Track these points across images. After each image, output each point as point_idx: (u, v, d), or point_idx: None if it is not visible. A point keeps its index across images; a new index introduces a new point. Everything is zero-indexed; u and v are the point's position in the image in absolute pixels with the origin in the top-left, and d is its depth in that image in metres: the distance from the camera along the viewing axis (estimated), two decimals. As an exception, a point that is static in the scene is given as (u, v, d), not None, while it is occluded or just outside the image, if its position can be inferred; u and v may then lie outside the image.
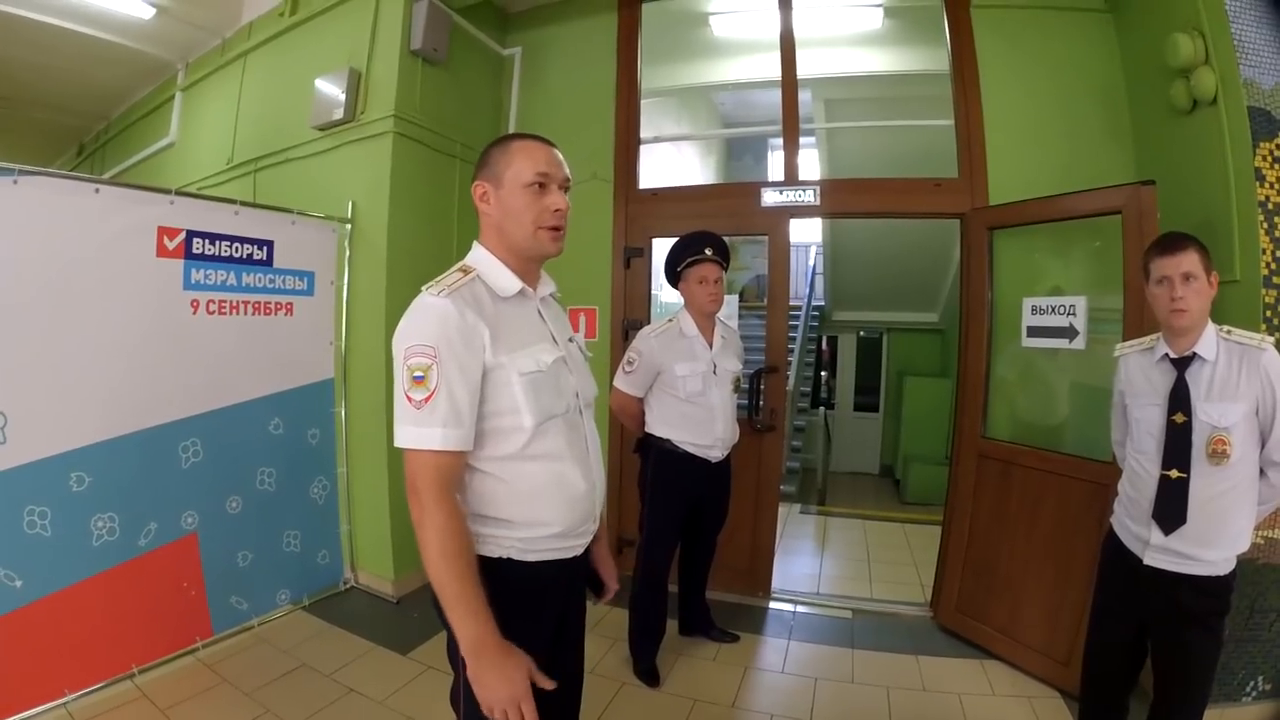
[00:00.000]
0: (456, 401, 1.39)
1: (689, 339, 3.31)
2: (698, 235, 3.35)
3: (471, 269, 1.53)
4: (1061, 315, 3.46)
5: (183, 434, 3.32)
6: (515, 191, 1.54)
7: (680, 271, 3.32)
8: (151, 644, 3.19)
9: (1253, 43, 2.90)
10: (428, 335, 1.39)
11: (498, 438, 1.48)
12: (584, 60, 4.82)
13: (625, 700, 3.17)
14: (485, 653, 1.35)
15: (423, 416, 1.37)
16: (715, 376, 3.32)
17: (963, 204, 4.04)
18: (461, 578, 1.36)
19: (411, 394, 1.38)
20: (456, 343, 1.39)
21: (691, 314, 3.34)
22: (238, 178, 4.89)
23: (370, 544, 4.17)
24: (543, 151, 1.58)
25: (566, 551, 1.60)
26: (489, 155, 1.60)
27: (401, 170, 4.07)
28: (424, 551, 1.37)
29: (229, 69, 5.20)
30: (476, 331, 1.42)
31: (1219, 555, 2.09)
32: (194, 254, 3.35)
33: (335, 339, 4.10)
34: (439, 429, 1.37)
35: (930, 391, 8.40)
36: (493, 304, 1.50)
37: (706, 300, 3.29)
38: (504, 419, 1.47)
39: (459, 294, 1.44)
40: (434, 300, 1.42)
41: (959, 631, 3.86)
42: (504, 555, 1.50)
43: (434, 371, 1.37)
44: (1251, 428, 2.05)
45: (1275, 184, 2.83)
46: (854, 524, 6.52)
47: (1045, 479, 3.48)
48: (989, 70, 4.07)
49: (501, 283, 1.54)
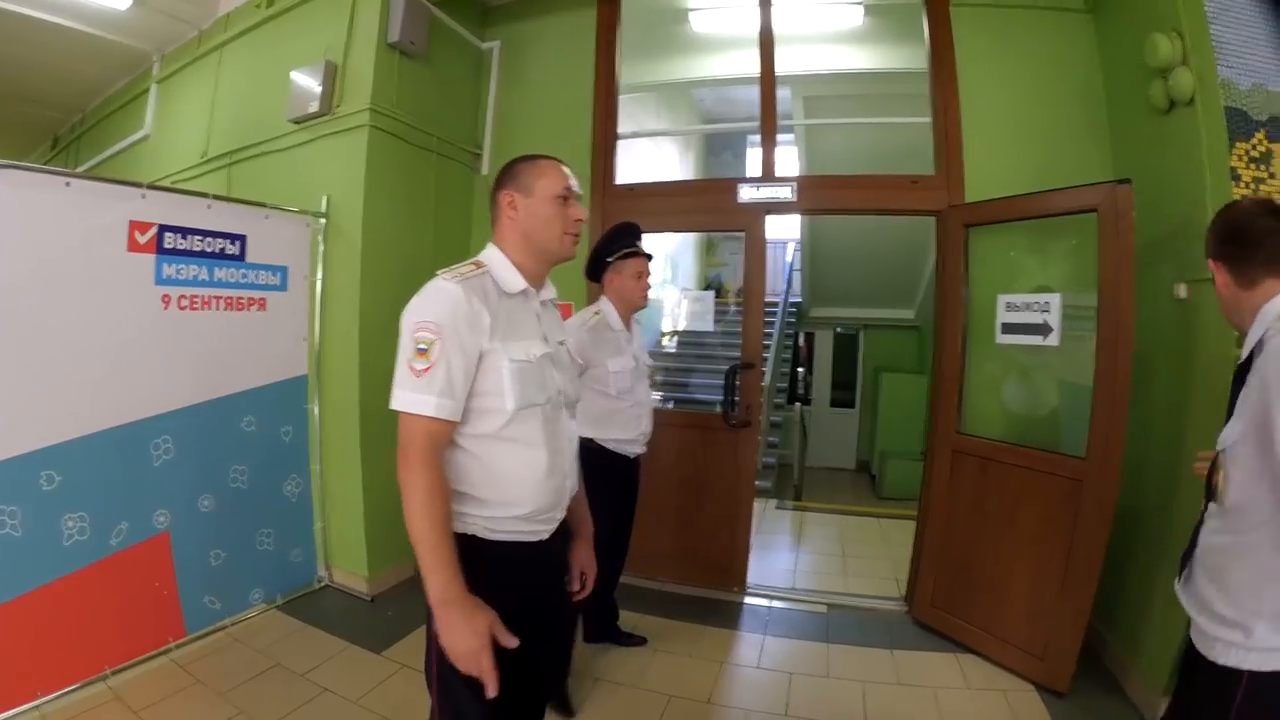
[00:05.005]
0: (453, 376, 1.54)
1: (616, 333, 3.23)
2: (629, 226, 3.31)
3: (484, 264, 1.69)
4: (1036, 312, 3.49)
5: (154, 431, 3.28)
6: (545, 201, 1.72)
7: (611, 262, 3.24)
8: (124, 645, 3.16)
9: (1231, 43, 2.92)
10: (437, 314, 1.55)
11: (480, 416, 1.61)
12: (563, 54, 4.81)
13: (602, 696, 3.17)
14: (452, 603, 1.47)
15: (421, 384, 1.52)
16: (638, 370, 3.28)
17: (939, 201, 4.06)
18: (439, 531, 1.49)
19: (414, 364, 1.53)
20: (461, 324, 1.55)
21: (617, 307, 3.25)
22: (212, 171, 4.82)
23: (344, 542, 4.14)
24: (566, 170, 1.78)
25: (530, 535, 1.70)
26: (517, 169, 1.76)
27: (377, 164, 4.04)
28: (407, 507, 1.50)
29: (205, 61, 5.14)
30: (480, 318, 1.58)
31: (1218, 631, 1.55)
32: (166, 249, 3.30)
33: (309, 335, 4.06)
34: (434, 397, 1.52)
35: (907, 387, 8.48)
36: (497, 298, 1.65)
37: (640, 295, 3.25)
38: (489, 399, 1.60)
39: (470, 283, 1.60)
40: (447, 284, 1.58)
41: (934, 626, 3.89)
42: (469, 532, 1.61)
43: (437, 346, 1.52)
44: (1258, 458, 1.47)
45: (1251, 183, 2.85)
46: (830, 519, 6.57)
47: (1022, 474, 3.51)
48: (968, 68, 4.09)
49: (508, 280, 1.70)
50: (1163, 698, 2.94)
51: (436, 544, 1.48)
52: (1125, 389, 3.11)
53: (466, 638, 1.46)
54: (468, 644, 1.46)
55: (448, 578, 1.48)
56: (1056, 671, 3.26)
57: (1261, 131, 2.88)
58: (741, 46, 5.03)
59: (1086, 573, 3.18)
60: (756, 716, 3.07)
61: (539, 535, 1.72)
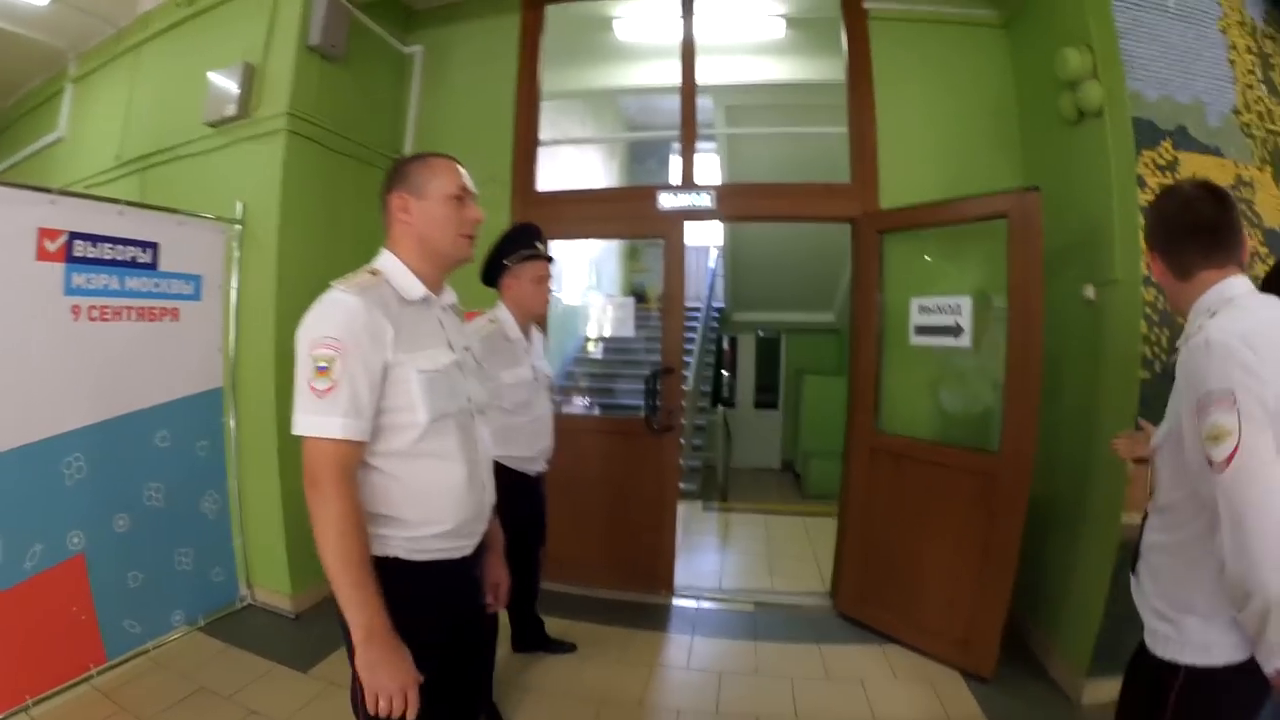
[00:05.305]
0: (358, 394, 1.45)
1: (513, 342, 3.00)
2: (528, 227, 3.11)
3: (380, 272, 1.62)
4: (948, 315, 3.63)
5: (65, 449, 3.12)
6: (439, 202, 1.65)
7: (509, 266, 3.00)
8: (43, 673, 2.99)
9: (1140, 56, 3.08)
10: (335, 329, 1.45)
11: (392, 433, 1.54)
12: (486, 60, 4.77)
13: (533, 705, 3.16)
14: (376, 640, 1.41)
15: (324, 405, 1.43)
16: (537, 383, 3.10)
17: (854, 208, 4.18)
18: (357, 563, 1.42)
19: (315, 384, 1.43)
20: (362, 338, 1.46)
21: (515, 314, 3.03)
22: (126, 176, 4.62)
23: (265, 559, 4.02)
24: (461, 169, 1.71)
25: (454, 551, 1.65)
26: (408, 169, 1.68)
27: (295, 170, 3.92)
28: (321, 539, 1.42)
29: (122, 60, 4.92)
30: (382, 329, 1.50)
31: (1157, 625, 1.58)
32: (76, 257, 3.14)
33: (224, 346, 3.92)
34: (339, 418, 1.43)
35: (828, 389, 8.61)
36: (398, 306, 1.58)
37: (540, 301, 3.07)
38: (400, 415, 1.53)
39: (368, 293, 1.52)
40: (344, 296, 1.49)
41: (859, 619, 4.00)
42: (391, 554, 1.55)
43: (338, 364, 1.43)
44: (1181, 459, 1.48)
45: (1157, 189, 3.00)
46: (756, 519, 6.67)
47: (938, 470, 3.65)
48: (884, 79, 4.23)
49: (408, 287, 1.62)
50: (1085, 678, 3.11)
51: (357, 578, 1.41)
52: (1036, 386, 3.26)
53: (398, 674, 1.42)
54: (399, 680, 1.42)
55: (371, 612, 1.41)
56: (980, 658, 3.38)
57: (1168, 140, 3.06)
58: (665, 56, 5.07)
59: (1004, 562, 3.32)
60: (688, 716, 3.11)
61: (463, 551, 1.68)
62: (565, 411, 6.67)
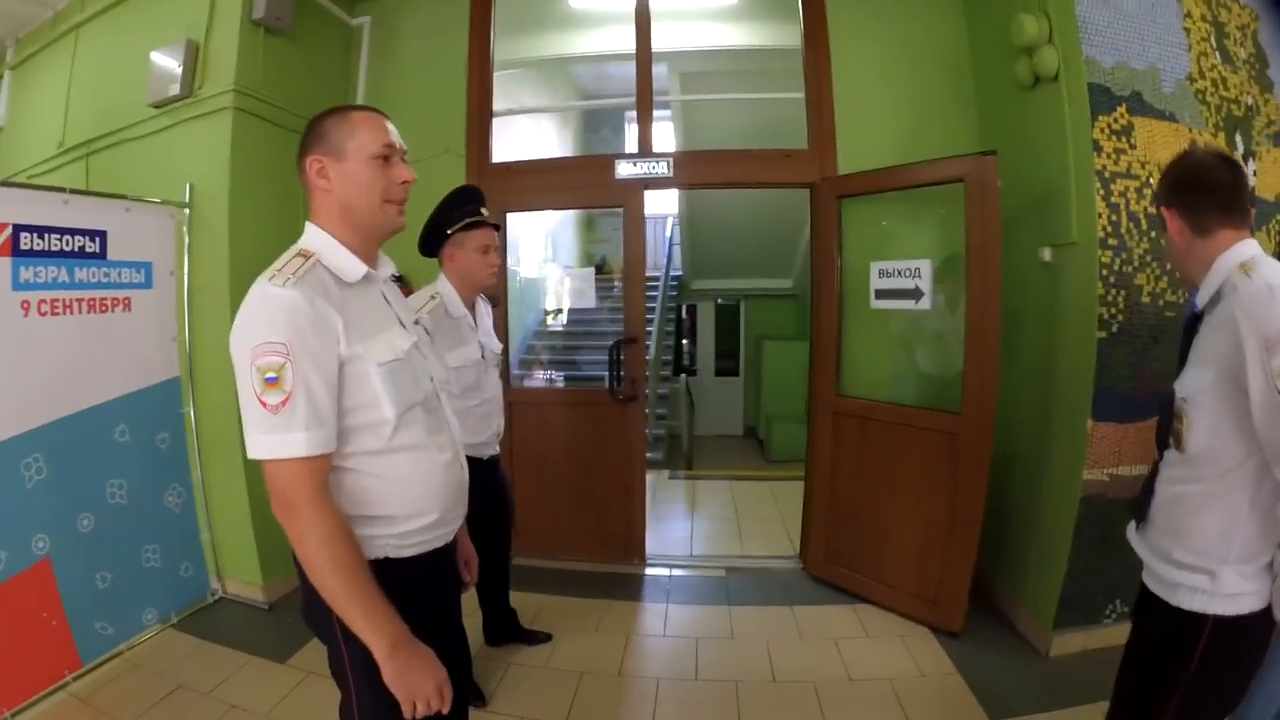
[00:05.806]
0: (316, 400, 1.30)
1: (456, 319, 2.75)
2: (470, 190, 2.86)
3: (311, 253, 1.42)
4: (907, 278, 3.68)
5: (23, 450, 3.02)
6: (361, 164, 1.44)
7: (452, 234, 2.72)
8: (18, 684, 2.92)
9: (1096, 23, 3.10)
10: (277, 330, 1.28)
11: (361, 433, 1.41)
12: (436, 30, 4.65)
13: (514, 681, 3.19)
14: (402, 649, 1.33)
15: (281, 422, 1.27)
16: (484, 362, 2.88)
17: (812, 174, 4.20)
18: (357, 577, 1.31)
19: (265, 398, 1.27)
20: (309, 336, 1.30)
21: (458, 287, 2.77)
22: (71, 163, 4.45)
23: (235, 550, 3.96)
24: (386, 122, 1.50)
25: (441, 540, 1.60)
26: (323, 126, 1.46)
27: (243, 149, 3.81)
28: (312, 567, 1.31)
29: (61, 43, 4.71)
30: (329, 321, 1.33)
31: (1180, 577, 1.58)
32: (22, 250, 3.01)
33: (178, 334, 3.82)
34: (301, 433, 1.28)
35: (789, 354, 8.69)
36: (339, 290, 1.41)
37: (486, 272, 2.79)
38: (365, 413, 1.40)
39: (305, 281, 1.33)
40: (279, 291, 1.30)
41: (829, 579, 4.10)
42: (380, 556, 1.45)
43: (288, 370, 1.27)
44: (1226, 405, 1.49)
45: (1112, 154, 3.07)
46: (722, 485, 6.73)
47: (900, 431, 3.73)
48: (840, 44, 4.22)
49: (346, 267, 1.45)
50: (1052, 631, 3.23)
51: (362, 594, 1.31)
52: (995, 346, 3.33)
53: (430, 673, 1.36)
54: (434, 679, 1.36)
55: (393, 630, 1.33)
56: (949, 613, 3.50)
57: (1123, 106, 3.10)
58: (618, 22, 5.01)
59: (969, 519, 3.41)
60: (668, 684, 3.16)
61: (446, 539, 1.62)
62: (528, 385, 6.67)
